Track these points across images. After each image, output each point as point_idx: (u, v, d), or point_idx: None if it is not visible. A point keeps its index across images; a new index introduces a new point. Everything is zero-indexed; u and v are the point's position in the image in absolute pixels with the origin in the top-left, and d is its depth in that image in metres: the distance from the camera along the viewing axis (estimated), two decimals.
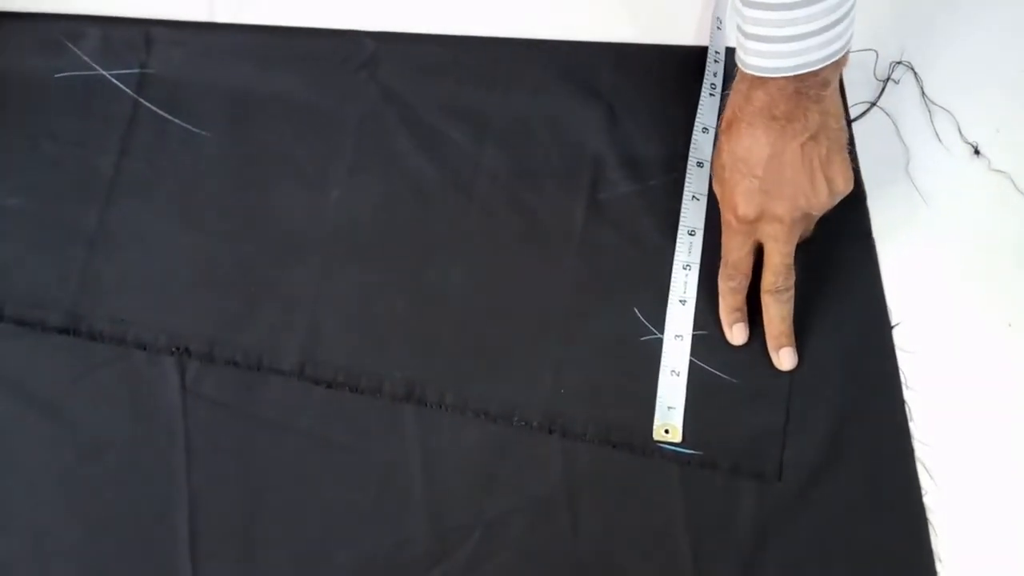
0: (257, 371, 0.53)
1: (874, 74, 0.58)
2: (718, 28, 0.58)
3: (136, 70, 0.59)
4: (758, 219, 0.48)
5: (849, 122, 0.56)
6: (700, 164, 0.55)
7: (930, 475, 0.50)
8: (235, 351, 0.54)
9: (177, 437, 0.52)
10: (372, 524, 0.51)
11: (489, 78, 0.58)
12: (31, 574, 0.51)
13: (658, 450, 0.51)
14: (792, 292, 0.51)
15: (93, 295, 0.55)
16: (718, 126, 0.52)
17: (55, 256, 0.56)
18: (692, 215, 0.54)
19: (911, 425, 0.51)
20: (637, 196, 0.56)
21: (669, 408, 0.51)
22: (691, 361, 0.52)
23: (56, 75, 0.59)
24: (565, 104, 0.57)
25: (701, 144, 0.55)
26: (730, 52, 0.57)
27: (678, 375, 0.52)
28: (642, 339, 0.53)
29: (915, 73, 0.57)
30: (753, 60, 0.44)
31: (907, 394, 0.51)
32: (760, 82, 0.45)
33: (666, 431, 0.51)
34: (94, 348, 0.54)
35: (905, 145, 0.56)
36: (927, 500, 0.49)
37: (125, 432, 0.53)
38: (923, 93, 0.57)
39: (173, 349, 0.54)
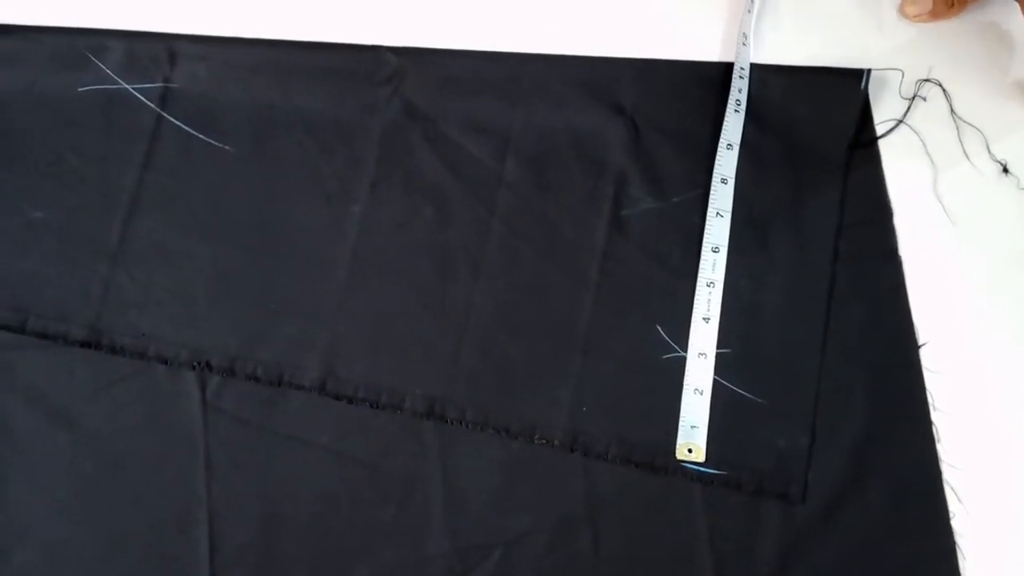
0: (278, 386, 0.53)
1: (899, 93, 0.57)
2: (743, 44, 0.57)
3: (160, 84, 0.59)
4: None
5: (875, 139, 0.56)
6: (724, 181, 0.55)
7: (958, 498, 0.49)
8: (256, 366, 0.54)
9: (197, 451, 0.53)
10: (392, 541, 0.51)
11: (512, 94, 0.58)
12: None
13: (681, 469, 0.51)
14: None
15: (115, 309, 0.55)
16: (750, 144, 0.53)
17: (78, 269, 0.56)
18: (716, 232, 0.54)
19: (939, 447, 0.50)
20: (660, 212, 0.55)
21: (692, 427, 0.51)
22: (715, 380, 0.52)
23: (80, 89, 0.59)
24: (588, 120, 0.57)
25: (726, 161, 0.55)
26: (755, 68, 0.57)
27: (701, 394, 0.51)
28: (665, 357, 0.52)
29: (944, 90, 0.57)
30: None
31: (934, 415, 0.50)
32: None
33: (689, 450, 0.51)
34: (115, 362, 0.54)
35: (933, 163, 0.55)
36: (955, 523, 0.49)
37: (145, 446, 0.53)
38: (952, 110, 0.56)
39: (194, 364, 0.54)
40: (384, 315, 0.54)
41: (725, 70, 0.58)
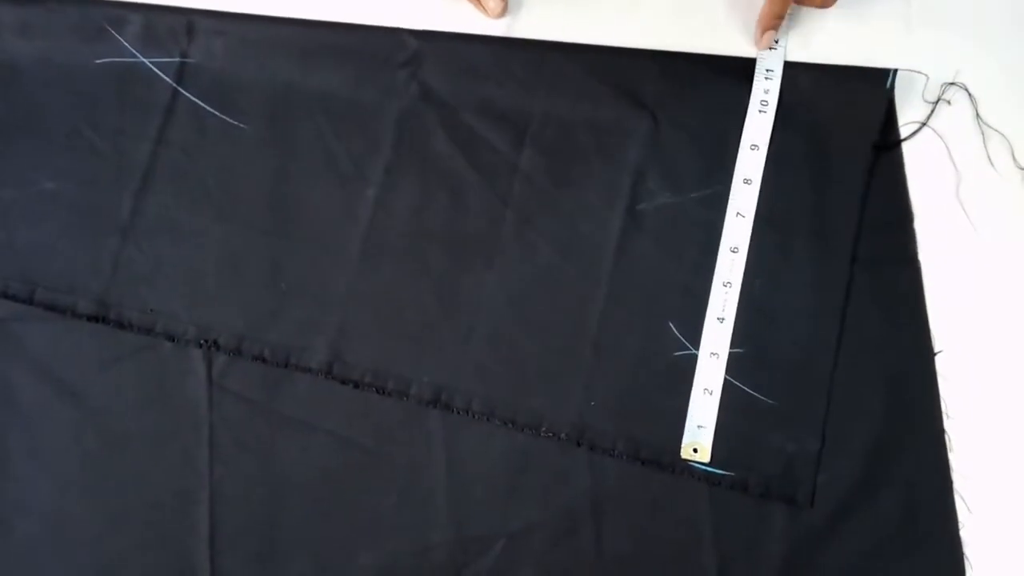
0: (284, 368, 0.53)
1: (922, 96, 0.56)
2: (772, 48, 0.56)
3: (177, 59, 0.59)
4: None
5: (899, 142, 0.55)
6: (748, 182, 0.54)
7: (968, 508, 0.49)
8: (263, 347, 0.53)
9: (201, 430, 0.52)
10: (394, 529, 0.51)
11: (531, 82, 0.57)
12: (51, 559, 0.51)
13: (688, 469, 0.50)
14: None
15: (124, 283, 0.55)
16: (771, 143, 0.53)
17: (88, 242, 0.55)
18: (736, 232, 0.53)
19: (950, 456, 0.49)
20: (677, 208, 0.54)
21: (699, 427, 0.50)
22: (726, 380, 0.51)
23: (97, 61, 0.59)
24: (607, 111, 0.56)
25: (750, 161, 0.54)
26: (789, 66, 0.56)
27: (711, 394, 0.51)
28: (676, 354, 0.52)
29: (969, 95, 0.56)
30: None
31: (947, 424, 0.50)
32: None
33: (694, 450, 0.50)
34: (122, 337, 0.54)
35: (956, 168, 0.55)
36: (964, 534, 0.48)
37: (149, 423, 0.53)
38: (977, 115, 0.55)
39: (201, 342, 0.53)
40: (394, 301, 0.54)
41: (747, 66, 0.57)
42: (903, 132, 0.55)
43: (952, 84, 0.56)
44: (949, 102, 0.56)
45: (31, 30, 0.60)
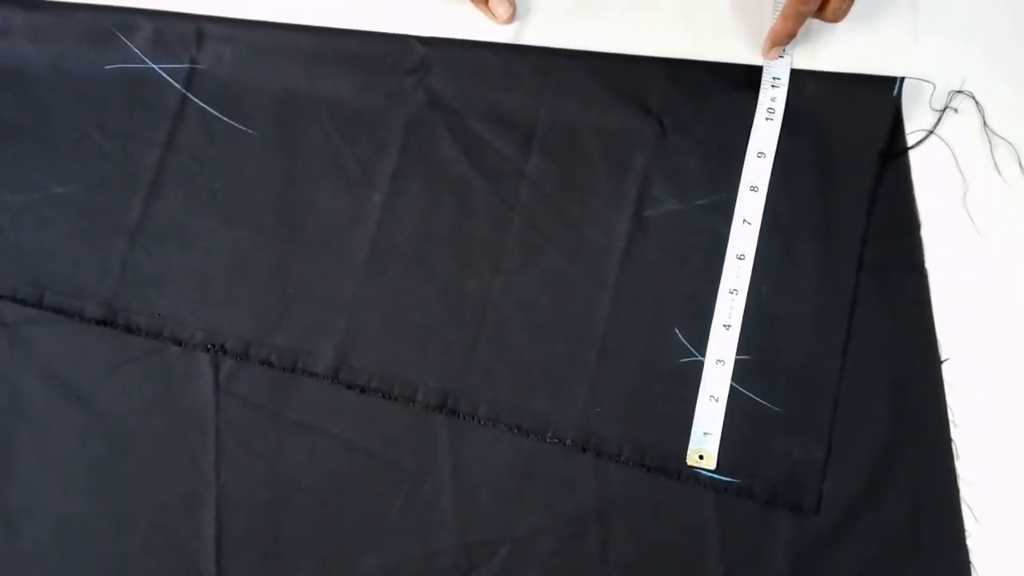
0: (291, 372, 0.53)
1: (929, 104, 0.56)
2: (780, 56, 0.56)
3: (186, 65, 0.59)
4: None
5: (906, 150, 0.55)
6: (754, 189, 0.54)
7: (975, 516, 0.49)
8: (270, 351, 0.53)
9: (208, 434, 0.53)
10: (399, 533, 0.51)
11: (538, 88, 0.57)
12: (57, 561, 0.52)
13: (694, 476, 0.50)
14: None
15: (132, 288, 0.55)
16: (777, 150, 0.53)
17: (97, 247, 0.56)
18: (742, 240, 0.53)
19: (957, 464, 0.49)
20: (683, 215, 0.54)
21: (705, 434, 0.50)
22: (732, 386, 0.51)
23: (107, 67, 0.59)
24: (614, 118, 0.56)
25: (756, 169, 0.54)
26: (795, 74, 0.56)
27: (717, 401, 0.51)
28: (682, 361, 0.52)
29: (976, 103, 0.56)
30: None
31: (954, 432, 0.50)
32: None
33: (700, 457, 0.50)
34: (130, 341, 0.54)
35: (963, 176, 0.54)
36: (970, 542, 0.48)
37: (156, 426, 0.53)
38: (984, 123, 0.55)
39: (209, 346, 0.54)
40: (400, 306, 0.54)
41: (754, 73, 0.57)
42: (910, 140, 0.55)
43: (959, 92, 0.56)
44: (956, 110, 0.56)
45: (41, 35, 0.60)
